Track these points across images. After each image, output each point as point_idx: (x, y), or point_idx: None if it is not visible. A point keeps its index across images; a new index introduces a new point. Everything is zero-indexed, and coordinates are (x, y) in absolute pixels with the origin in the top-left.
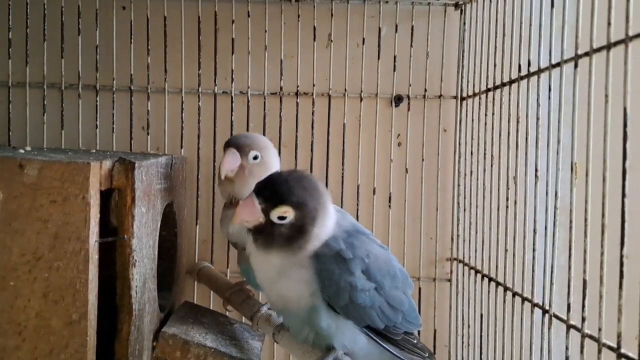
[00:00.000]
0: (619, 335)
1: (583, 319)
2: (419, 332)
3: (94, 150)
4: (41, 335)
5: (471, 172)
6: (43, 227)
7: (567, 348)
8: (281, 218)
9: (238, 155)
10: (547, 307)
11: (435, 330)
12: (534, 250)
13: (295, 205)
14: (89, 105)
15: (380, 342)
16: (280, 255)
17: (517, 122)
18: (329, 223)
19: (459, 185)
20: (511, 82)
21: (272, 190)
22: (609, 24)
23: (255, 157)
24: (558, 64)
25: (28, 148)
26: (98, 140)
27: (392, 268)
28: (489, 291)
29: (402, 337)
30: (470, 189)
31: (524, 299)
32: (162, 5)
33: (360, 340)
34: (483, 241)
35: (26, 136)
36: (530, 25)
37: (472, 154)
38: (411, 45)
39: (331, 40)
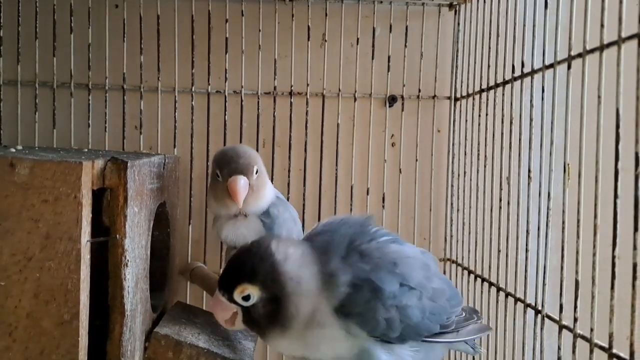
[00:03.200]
0: (610, 336)
1: (575, 319)
2: None
3: (86, 150)
4: (32, 336)
5: (465, 172)
6: (34, 227)
7: (559, 348)
8: (246, 298)
9: (246, 179)
10: (539, 308)
11: None
12: (526, 250)
13: (250, 279)
14: (81, 104)
15: (438, 340)
16: (286, 333)
17: (511, 123)
18: (305, 274)
19: (452, 185)
20: (505, 83)
21: (226, 276)
22: (602, 25)
23: (256, 172)
24: (551, 65)
25: (19, 147)
26: (90, 139)
27: (416, 260)
28: (482, 291)
29: (454, 324)
30: (464, 190)
31: (516, 300)
32: (155, 3)
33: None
34: (476, 242)
35: (17, 135)
36: (524, 26)
37: (465, 154)
38: (405, 46)
39: (325, 40)
